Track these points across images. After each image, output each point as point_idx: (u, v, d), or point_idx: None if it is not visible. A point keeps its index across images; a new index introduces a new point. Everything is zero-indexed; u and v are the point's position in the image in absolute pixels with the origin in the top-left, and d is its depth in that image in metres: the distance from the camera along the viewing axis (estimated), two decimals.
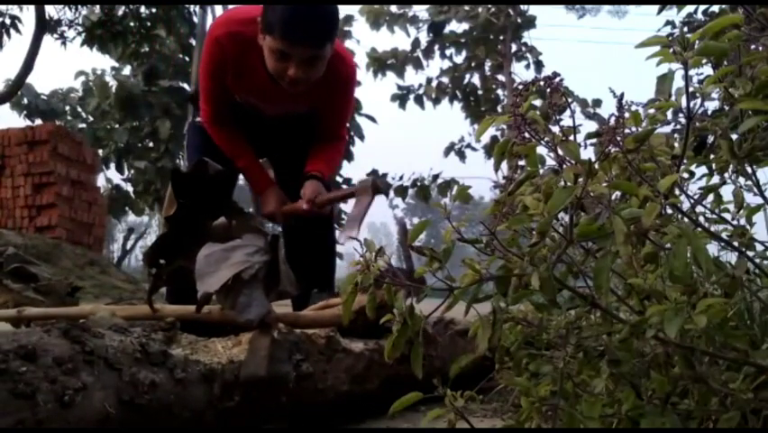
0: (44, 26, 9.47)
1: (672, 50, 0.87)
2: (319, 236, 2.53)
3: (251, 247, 1.69)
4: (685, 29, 6.89)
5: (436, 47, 15.62)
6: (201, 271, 1.62)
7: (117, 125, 15.11)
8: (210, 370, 1.37)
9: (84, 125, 15.87)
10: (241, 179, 2.44)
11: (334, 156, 2.49)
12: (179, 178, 1.80)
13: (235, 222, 1.80)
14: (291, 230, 2.48)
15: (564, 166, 0.90)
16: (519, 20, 15.22)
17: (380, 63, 15.49)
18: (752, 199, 1.10)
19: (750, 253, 1.04)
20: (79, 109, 16.43)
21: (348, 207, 2.63)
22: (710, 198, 1.11)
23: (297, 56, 2.03)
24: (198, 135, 2.50)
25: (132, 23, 11.16)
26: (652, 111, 1.01)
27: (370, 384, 1.78)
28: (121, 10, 10.68)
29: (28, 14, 11.06)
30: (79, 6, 10.38)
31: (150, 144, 15.17)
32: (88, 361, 1.14)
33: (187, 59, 13.92)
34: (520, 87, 0.95)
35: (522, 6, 15.20)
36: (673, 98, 0.92)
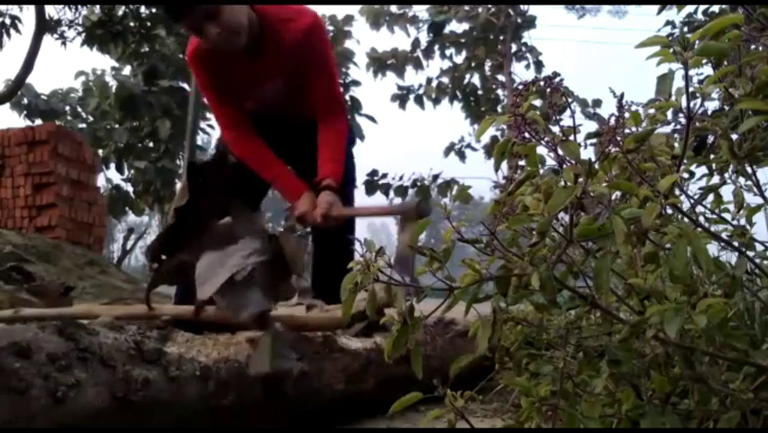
0: (44, 26, 9.46)
1: (672, 50, 0.87)
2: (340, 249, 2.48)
3: (247, 249, 1.71)
4: (685, 29, 6.90)
5: (436, 47, 15.61)
6: (200, 278, 1.66)
7: (117, 125, 15.10)
8: (205, 368, 1.37)
9: (84, 125, 15.85)
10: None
11: (339, 145, 2.40)
12: (196, 169, 1.84)
13: (238, 220, 1.82)
14: (320, 236, 2.49)
15: (564, 166, 0.90)
16: (519, 20, 15.22)
17: (380, 63, 15.49)
18: (752, 199, 1.10)
19: (750, 253, 1.04)
20: (79, 109, 16.41)
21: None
22: (710, 198, 1.11)
23: (196, 27, 2.15)
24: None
25: (132, 23, 11.16)
26: (652, 111, 1.01)
27: (367, 384, 1.77)
28: (121, 10, 10.68)
29: (28, 14, 11.07)
30: (79, 6, 10.38)
31: (151, 144, 15.17)
32: (82, 358, 1.15)
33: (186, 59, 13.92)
34: (520, 87, 0.95)
35: (522, 6, 15.20)
36: (673, 98, 0.92)
